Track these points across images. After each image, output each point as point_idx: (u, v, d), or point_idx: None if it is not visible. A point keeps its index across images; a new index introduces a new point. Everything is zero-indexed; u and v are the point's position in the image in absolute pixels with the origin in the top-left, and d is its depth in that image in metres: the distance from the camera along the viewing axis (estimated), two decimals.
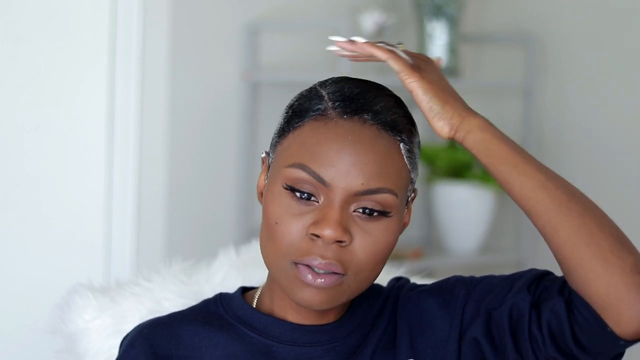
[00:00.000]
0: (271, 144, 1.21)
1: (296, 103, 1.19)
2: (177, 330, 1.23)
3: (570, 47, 2.94)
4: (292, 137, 1.17)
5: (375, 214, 1.15)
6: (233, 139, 2.57)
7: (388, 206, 1.15)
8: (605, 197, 2.87)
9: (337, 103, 1.15)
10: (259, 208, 3.10)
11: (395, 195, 1.15)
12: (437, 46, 2.82)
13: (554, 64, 2.97)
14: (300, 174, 1.14)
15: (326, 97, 1.17)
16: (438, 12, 2.80)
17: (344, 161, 1.13)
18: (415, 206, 3.63)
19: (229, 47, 2.55)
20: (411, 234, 3.01)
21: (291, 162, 1.15)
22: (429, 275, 1.81)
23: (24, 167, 2.18)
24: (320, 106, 1.16)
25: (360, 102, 1.16)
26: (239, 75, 2.55)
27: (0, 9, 2.14)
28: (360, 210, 1.15)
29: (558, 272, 1.16)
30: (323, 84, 1.20)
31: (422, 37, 2.84)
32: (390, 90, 1.21)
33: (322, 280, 1.13)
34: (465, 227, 2.85)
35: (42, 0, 2.18)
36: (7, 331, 2.15)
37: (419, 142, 1.21)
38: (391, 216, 1.16)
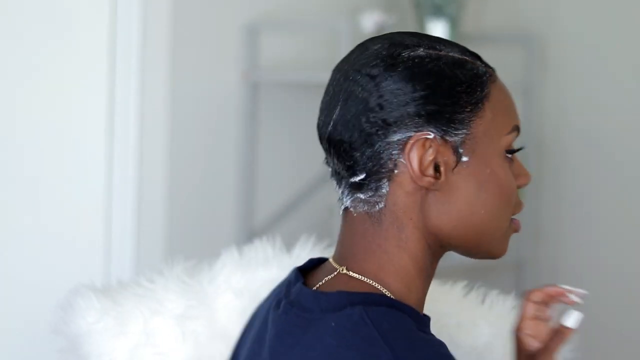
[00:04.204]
0: (449, 123, 1.10)
1: (460, 73, 1.11)
2: None
3: (570, 46, 2.94)
4: (490, 106, 1.12)
5: None
6: (233, 139, 2.56)
7: None
8: (605, 197, 2.88)
9: (479, 60, 1.15)
10: (259, 208, 3.08)
11: None
12: None
13: (554, 63, 2.96)
14: (515, 135, 1.14)
15: (470, 58, 1.13)
16: (438, 11, 2.79)
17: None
18: None
19: (229, 47, 2.55)
20: None
21: (509, 129, 1.13)
22: None
23: (23, 167, 2.18)
24: (481, 68, 1.13)
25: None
26: (239, 75, 2.55)
27: None
28: None
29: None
30: (448, 50, 1.12)
31: None
32: None
33: None
34: None
35: None
36: (8, 330, 2.14)
37: None
38: None
